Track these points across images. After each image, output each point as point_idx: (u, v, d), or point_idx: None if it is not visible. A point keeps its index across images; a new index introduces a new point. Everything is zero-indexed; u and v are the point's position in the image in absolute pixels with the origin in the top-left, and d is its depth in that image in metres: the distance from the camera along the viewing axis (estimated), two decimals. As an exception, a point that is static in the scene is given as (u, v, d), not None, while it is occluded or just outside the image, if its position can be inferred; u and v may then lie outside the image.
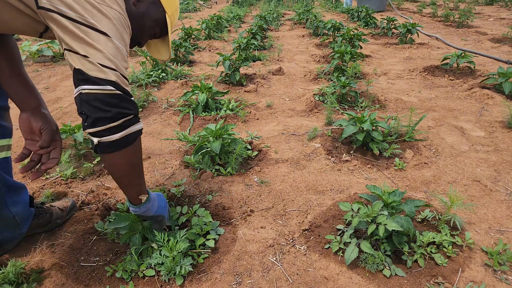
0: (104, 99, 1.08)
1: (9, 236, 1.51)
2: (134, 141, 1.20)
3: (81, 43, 1.05)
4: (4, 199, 1.40)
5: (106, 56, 1.07)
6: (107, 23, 1.08)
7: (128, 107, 1.15)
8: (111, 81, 1.08)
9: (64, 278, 1.47)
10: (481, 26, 7.28)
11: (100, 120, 1.09)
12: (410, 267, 1.50)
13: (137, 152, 1.24)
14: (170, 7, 1.37)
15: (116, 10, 1.13)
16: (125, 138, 1.15)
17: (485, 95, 3.38)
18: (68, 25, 1.03)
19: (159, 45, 1.52)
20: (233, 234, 1.70)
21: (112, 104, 1.09)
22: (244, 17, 9.90)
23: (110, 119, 1.10)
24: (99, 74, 1.06)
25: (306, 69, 4.59)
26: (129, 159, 1.21)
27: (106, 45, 1.07)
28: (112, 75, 1.08)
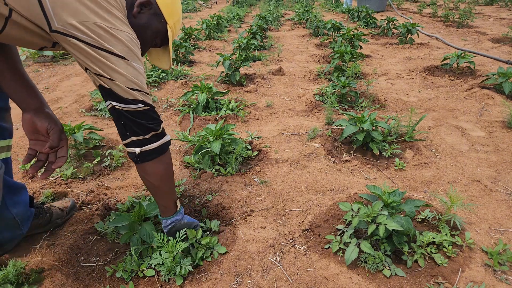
0: (138, 115, 1.22)
1: (9, 236, 1.51)
2: (167, 150, 1.36)
3: (103, 67, 1.11)
4: (4, 200, 1.40)
5: (129, 78, 1.16)
6: (121, 46, 1.13)
7: (156, 119, 1.29)
8: (139, 100, 1.20)
9: (64, 278, 1.47)
10: (481, 26, 7.28)
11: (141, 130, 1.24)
12: (410, 267, 1.50)
13: (170, 160, 1.39)
14: (172, 18, 1.35)
15: (126, 32, 1.16)
16: (162, 146, 1.31)
17: (485, 95, 3.38)
18: (87, 49, 1.08)
19: (160, 54, 1.52)
20: (233, 234, 1.70)
21: (145, 118, 1.24)
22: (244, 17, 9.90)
23: (150, 129, 1.26)
24: (127, 95, 1.17)
25: (306, 69, 4.59)
26: (166, 165, 1.35)
27: (127, 69, 1.15)
28: (139, 95, 1.20)
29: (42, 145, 1.36)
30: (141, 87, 1.20)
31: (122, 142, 1.27)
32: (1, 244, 1.51)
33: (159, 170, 1.33)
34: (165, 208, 1.45)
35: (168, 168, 1.38)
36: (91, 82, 4.12)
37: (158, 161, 1.32)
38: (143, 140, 1.26)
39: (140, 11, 1.28)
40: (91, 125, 2.39)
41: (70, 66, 4.85)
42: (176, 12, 1.37)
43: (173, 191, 1.44)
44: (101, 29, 1.08)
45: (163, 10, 1.31)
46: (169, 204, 1.44)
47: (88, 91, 3.77)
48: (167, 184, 1.39)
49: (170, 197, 1.43)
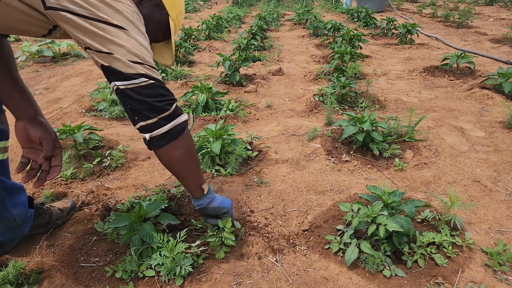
0: (142, 91, 1.10)
1: (10, 237, 1.51)
2: (184, 131, 1.24)
3: (101, 40, 1.03)
4: (4, 202, 1.40)
5: (130, 50, 1.06)
6: (120, 17, 1.06)
7: (166, 94, 1.17)
8: (142, 74, 1.09)
9: (64, 279, 1.47)
10: (481, 27, 7.29)
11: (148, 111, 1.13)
12: (410, 267, 1.50)
13: (189, 142, 1.28)
14: (174, 10, 1.30)
15: (127, 4, 1.10)
16: (174, 128, 1.19)
17: (485, 96, 3.38)
18: (82, 23, 1.00)
19: (163, 49, 1.46)
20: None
21: (151, 95, 1.12)
22: (244, 18, 9.90)
23: (158, 110, 1.14)
24: (129, 69, 1.07)
25: (306, 70, 4.59)
26: (183, 149, 1.25)
27: (128, 40, 1.06)
28: (142, 68, 1.09)
29: (35, 153, 1.34)
30: (144, 60, 1.11)
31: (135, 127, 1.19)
32: (2, 245, 1.51)
33: (176, 156, 1.23)
34: (190, 191, 1.39)
35: (186, 153, 1.26)
36: (91, 82, 4.12)
37: (173, 145, 1.21)
38: (151, 125, 1.15)
39: (140, 2, 1.24)
40: (91, 126, 2.39)
41: (70, 67, 4.85)
42: (178, 4, 1.32)
43: (196, 175, 1.36)
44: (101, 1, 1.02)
45: (164, 1, 1.27)
46: (193, 188, 1.38)
47: (88, 92, 3.77)
48: (188, 168, 1.31)
49: (193, 181, 1.36)
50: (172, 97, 1.19)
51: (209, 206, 1.43)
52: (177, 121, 1.20)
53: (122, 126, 2.98)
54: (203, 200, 1.41)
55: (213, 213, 1.47)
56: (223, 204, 1.47)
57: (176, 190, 1.98)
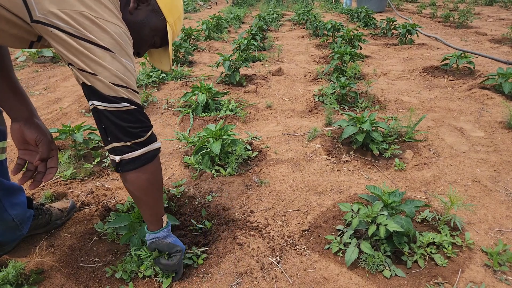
0: (121, 116, 1.09)
1: (9, 238, 1.51)
2: (154, 159, 1.21)
3: (86, 60, 1.01)
4: (2, 203, 1.40)
5: (114, 73, 1.04)
6: (108, 39, 1.02)
7: (144, 121, 1.16)
8: (124, 98, 1.08)
9: (64, 279, 1.47)
10: (480, 27, 7.29)
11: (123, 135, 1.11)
12: (410, 267, 1.50)
13: (157, 171, 1.24)
14: (172, 15, 1.26)
15: (116, 25, 1.06)
16: (146, 154, 1.17)
17: (485, 96, 3.38)
18: (69, 40, 0.98)
19: (161, 55, 1.42)
20: (233, 234, 1.70)
21: (129, 120, 1.10)
22: (243, 18, 9.90)
23: (133, 135, 1.13)
24: (111, 92, 1.05)
25: (306, 70, 4.59)
26: (150, 177, 1.21)
27: (112, 63, 1.03)
28: (125, 92, 1.08)
29: (31, 155, 1.34)
30: (128, 84, 1.08)
31: (105, 148, 1.16)
32: (1, 245, 1.51)
33: (141, 182, 1.19)
34: (148, 221, 1.32)
35: (153, 180, 1.23)
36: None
37: (142, 171, 1.18)
38: (124, 147, 1.12)
39: (137, 7, 1.20)
40: (90, 126, 2.39)
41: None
42: (176, 9, 1.28)
43: (158, 205, 1.29)
44: (86, 18, 0.98)
45: (162, 7, 1.23)
46: (152, 219, 1.30)
47: (88, 92, 3.77)
48: (151, 197, 1.25)
49: (154, 211, 1.29)
50: (148, 124, 1.18)
51: (164, 240, 1.33)
52: (149, 148, 1.18)
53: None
54: (160, 233, 1.31)
55: (165, 249, 1.35)
56: (178, 243, 1.37)
57: (176, 191, 1.98)
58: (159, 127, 2.96)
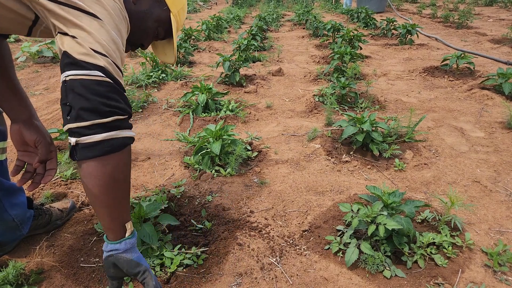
0: (90, 86, 0.91)
1: (10, 238, 1.51)
2: (121, 150, 0.98)
3: (69, 24, 0.92)
4: (2, 203, 1.40)
5: (97, 39, 0.92)
6: (100, 8, 0.95)
7: (118, 100, 0.97)
8: (99, 66, 0.93)
9: (64, 279, 1.47)
10: (480, 27, 7.29)
11: (85, 111, 0.91)
12: (410, 268, 1.50)
13: (123, 166, 1.00)
14: (176, 5, 1.23)
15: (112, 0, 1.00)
16: (109, 142, 0.94)
17: (485, 96, 3.39)
18: (55, 9, 0.91)
19: (166, 47, 1.39)
20: (233, 234, 1.70)
21: (99, 93, 0.92)
22: (244, 18, 9.91)
23: (98, 113, 0.92)
24: (87, 58, 0.91)
25: (306, 70, 4.59)
26: (112, 171, 0.96)
27: (98, 30, 0.93)
28: (102, 60, 0.93)
29: (30, 156, 1.33)
30: (109, 54, 0.95)
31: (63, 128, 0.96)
32: (2, 245, 1.51)
33: (101, 175, 0.95)
34: (105, 228, 1.03)
35: (117, 176, 0.98)
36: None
37: (102, 161, 0.94)
38: (82, 129, 0.91)
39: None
40: (91, 126, 2.39)
41: (70, 67, 4.84)
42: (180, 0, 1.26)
43: (121, 208, 1.03)
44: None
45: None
46: (111, 225, 1.02)
47: (88, 92, 3.77)
48: (111, 196, 0.99)
49: (115, 215, 1.01)
50: (123, 107, 0.98)
51: (125, 255, 1.03)
52: (116, 134, 0.95)
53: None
54: (120, 245, 1.02)
55: (125, 267, 1.04)
56: (142, 261, 1.07)
57: (176, 191, 1.98)
58: (159, 127, 2.96)
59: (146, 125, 3.00)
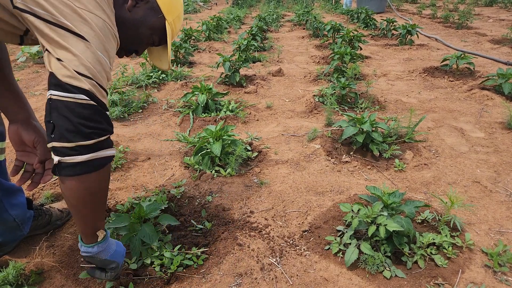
0: (75, 109, 0.95)
1: (10, 238, 1.51)
2: (101, 168, 1.04)
3: (57, 46, 0.94)
4: (3, 203, 1.40)
5: (82, 62, 0.95)
6: (87, 29, 0.96)
7: (101, 122, 1.01)
8: (84, 89, 0.95)
9: (64, 280, 1.47)
10: (480, 27, 7.30)
11: (69, 132, 0.95)
12: (410, 268, 1.50)
13: (102, 181, 1.08)
14: (171, 13, 1.23)
15: (100, 18, 1.00)
16: (91, 162, 1.00)
17: (485, 96, 3.39)
18: (43, 28, 0.93)
19: (161, 53, 1.40)
20: (233, 235, 1.70)
21: (82, 116, 0.96)
22: (244, 18, 9.91)
23: (81, 135, 0.96)
24: (72, 81, 0.94)
25: (306, 70, 4.60)
26: (91, 187, 1.04)
27: (84, 52, 0.95)
28: (87, 83, 0.96)
29: (29, 156, 1.33)
30: (95, 76, 0.97)
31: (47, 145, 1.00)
32: (2, 245, 1.51)
33: (80, 191, 1.03)
34: (81, 233, 1.15)
35: (95, 190, 1.06)
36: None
37: (82, 179, 1.01)
38: (65, 149, 0.96)
39: (135, 5, 1.18)
40: (91, 126, 2.39)
41: (70, 67, 4.84)
42: (175, 8, 1.26)
43: (96, 217, 1.13)
44: (67, 6, 0.94)
45: (161, 5, 1.21)
46: (86, 231, 1.14)
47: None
48: (88, 208, 1.09)
49: (90, 224, 1.12)
50: (105, 127, 1.02)
51: (97, 256, 1.17)
52: (97, 155, 1.01)
53: (122, 127, 2.98)
54: (93, 249, 1.16)
55: (99, 265, 1.22)
56: (114, 257, 1.23)
57: (176, 191, 1.98)
58: (159, 127, 2.96)
59: (146, 126, 3.00)
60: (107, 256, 1.20)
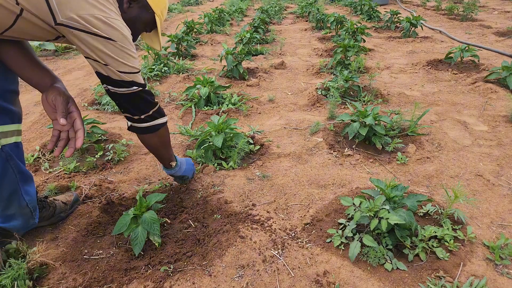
0: (131, 97, 1.40)
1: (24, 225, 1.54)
2: (160, 129, 1.56)
3: (99, 53, 1.25)
4: (19, 186, 1.42)
5: (122, 62, 1.30)
6: (117, 34, 1.26)
7: (149, 99, 1.47)
8: (131, 82, 1.35)
9: (68, 271, 1.48)
10: (485, 20, 7.21)
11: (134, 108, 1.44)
12: (412, 261, 1.51)
13: (164, 135, 1.63)
14: (159, 6, 1.48)
15: (120, 21, 1.29)
16: (152, 127, 1.52)
17: (489, 89, 3.36)
18: (85, 37, 1.21)
19: (152, 36, 1.65)
20: (235, 227, 1.71)
21: (138, 100, 1.43)
22: (246, 11, 9.84)
23: (141, 110, 1.46)
24: (120, 78, 1.32)
25: (309, 63, 4.57)
26: (158, 138, 1.60)
27: (119, 54, 1.28)
28: (130, 77, 1.34)
29: None
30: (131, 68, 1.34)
31: (122, 113, 1.49)
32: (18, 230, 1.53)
33: (151, 142, 1.61)
34: (162, 164, 1.81)
35: (160, 142, 1.63)
36: (93, 76, 4.12)
37: (150, 136, 1.56)
38: (131, 119, 1.48)
39: (129, 6, 1.43)
40: (93, 119, 2.40)
41: (72, 60, 4.84)
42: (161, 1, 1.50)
43: (167, 155, 1.74)
44: (98, 20, 1.20)
45: (149, 1, 1.44)
46: (164, 163, 1.80)
47: (91, 85, 3.78)
48: (160, 152, 1.70)
49: (164, 160, 1.76)
50: (152, 101, 1.50)
51: (175, 174, 1.89)
52: (152, 123, 1.52)
53: (125, 120, 2.98)
54: (170, 171, 1.85)
55: (178, 181, 2.02)
56: (186, 173, 1.94)
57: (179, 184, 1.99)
58: (161, 120, 2.96)
59: (149, 119, 3.00)
60: (181, 173, 1.90)
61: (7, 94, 1.36)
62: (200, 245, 1.61)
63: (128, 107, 1.44)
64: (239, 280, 1.44)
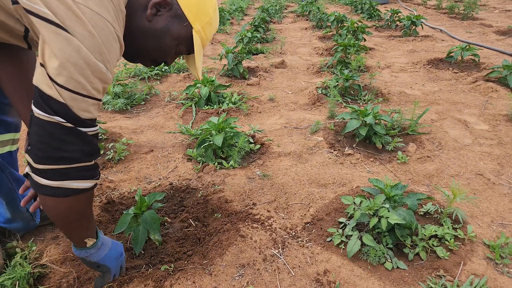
0: (45, 127, 0.84)
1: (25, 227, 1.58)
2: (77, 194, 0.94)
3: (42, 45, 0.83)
4: (17, 193, 1.43)
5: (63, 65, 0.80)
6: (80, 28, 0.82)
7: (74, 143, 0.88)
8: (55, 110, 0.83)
9: (68, 270, 1.48)
10: (486, 18, 7.20)
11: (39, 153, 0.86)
12: (412, 260, 1.51)
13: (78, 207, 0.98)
14: (200, 20, 1.08)
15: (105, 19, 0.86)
16: (56, 189, 0.90)
17: (489, 88, 3.36)
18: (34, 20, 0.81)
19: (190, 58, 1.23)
20: (236, 226, 1.71)
21: (53, 136, 0.85)
22: (246, 10, 9.83)
23: (48, 159, 0.86)
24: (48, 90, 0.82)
25: (309, 62, 4.57)
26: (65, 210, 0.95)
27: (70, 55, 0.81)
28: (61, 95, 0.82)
29: None
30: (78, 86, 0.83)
31: None
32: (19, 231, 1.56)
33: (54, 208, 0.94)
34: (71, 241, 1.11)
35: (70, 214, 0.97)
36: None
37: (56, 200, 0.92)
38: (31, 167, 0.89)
39: (156, 13, 1.03)
40: (94, 119, 2.39)
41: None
42: (205, 13, 1.09)
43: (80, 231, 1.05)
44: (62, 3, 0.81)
45: (186, 11, 1.05)
46: (72, 241, 1.09)
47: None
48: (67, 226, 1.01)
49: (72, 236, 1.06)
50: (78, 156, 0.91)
51: (89, 259, 1.13)
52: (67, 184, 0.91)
53: (125, 119, 2.99)
54: (80, 252, 1.10)
55: (91, 267, 1.19)
56: (104, 262, 1.17)
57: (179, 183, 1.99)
58: (161, 119, 2.96)
59: (149, 118, 3.00)
60: (97, 259, 1.14)
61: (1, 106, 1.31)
62: (201, 244, 1.61)
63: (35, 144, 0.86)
64: (240, 279, 1.44)
